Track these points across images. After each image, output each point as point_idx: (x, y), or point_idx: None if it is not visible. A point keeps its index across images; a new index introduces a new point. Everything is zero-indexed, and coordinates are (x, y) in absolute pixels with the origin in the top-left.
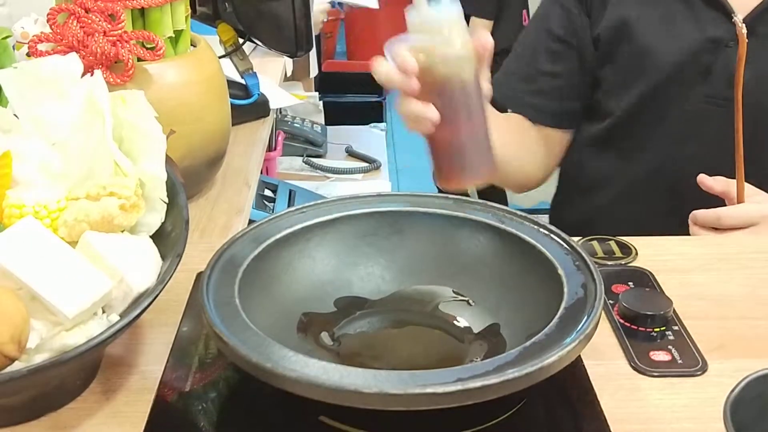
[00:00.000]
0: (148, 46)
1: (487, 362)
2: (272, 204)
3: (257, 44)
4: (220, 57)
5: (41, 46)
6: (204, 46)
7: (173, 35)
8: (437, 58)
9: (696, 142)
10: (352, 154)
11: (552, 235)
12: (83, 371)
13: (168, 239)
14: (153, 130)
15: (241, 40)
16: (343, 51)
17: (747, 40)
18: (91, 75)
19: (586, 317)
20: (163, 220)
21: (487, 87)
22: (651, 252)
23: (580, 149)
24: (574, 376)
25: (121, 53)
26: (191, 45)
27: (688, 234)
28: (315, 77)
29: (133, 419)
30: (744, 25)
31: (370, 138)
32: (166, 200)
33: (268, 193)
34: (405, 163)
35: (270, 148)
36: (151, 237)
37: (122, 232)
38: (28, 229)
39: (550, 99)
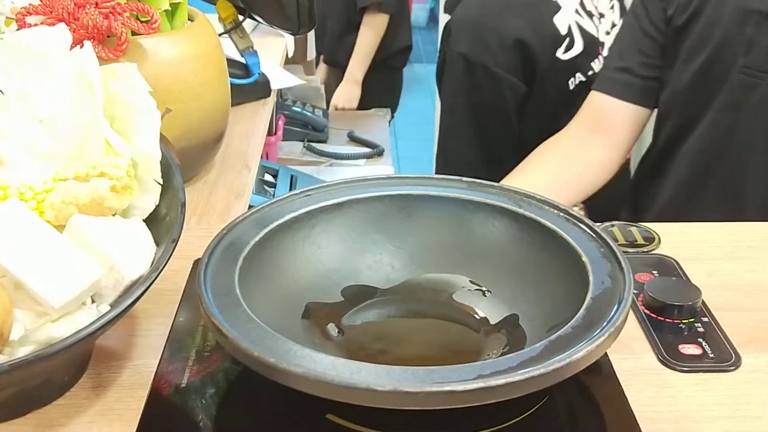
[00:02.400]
0: (143, 19)
1: (510, 357)
2: (273, 189)
3: (258, 21)
4: (219, 35)
5: (30, 19)
6: (202, 20)
7: (169, 8)
8: None
9: (738, 112)
10: (354, 139)
11: (574, 220)
12: (72, 365)
13: (162, 223)
14: (147, 106)
15: (240, 17)
16: None
17: None
18: (81, 47)
19: (615, 308)
20: (157, 203)
21: None
22: (675, 239)
23: None
24: (600, 371)
25: (113, 26)
26: (188, 19)
27: (737, 207)
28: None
29: (125, 416)
30: None
31: (372, 123)
32: (161, 181)
33: (268, 178)
34: (407, 150)
35: (270, 133)
36: (144, 221)
37: (113, 215)
38: (12, 212)
39: (636, 76)
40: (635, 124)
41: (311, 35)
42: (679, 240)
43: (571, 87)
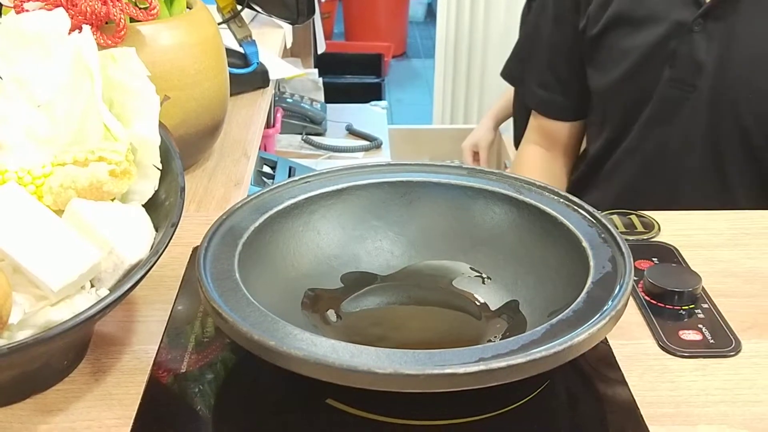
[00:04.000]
0: (141, 5)
1: (511, 341)
2: (271, 180)
3: (256, 11)
4: (217, 24)
5: (28, 5)
6: (200, 7)
7: None
8: None
9: (668, 125)
10: (352, 132)
11: (574, 207)
12: (70, 350)
13: (162, 208)
14: (145, 90)
15: (239, 7)
16: (341, 32)
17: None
18: (80, 32)
19: (616, 291)
20: (156, 188)
21: None
22: (674, 227)
23: None
24: (600, 356)
25: (112, 13)
26: (187, 7)
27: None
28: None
29: (124, 402)
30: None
31: (370, 116)
32: (160, 166)
33: (266, 169)
34: None
35: (268, 125)
36: (143, 206)
37: (112, 200)
38: (11, 196)
39: (555, 92)
40: (578, 135)
41: (320, 27)
42: (679, 227)
43: None
